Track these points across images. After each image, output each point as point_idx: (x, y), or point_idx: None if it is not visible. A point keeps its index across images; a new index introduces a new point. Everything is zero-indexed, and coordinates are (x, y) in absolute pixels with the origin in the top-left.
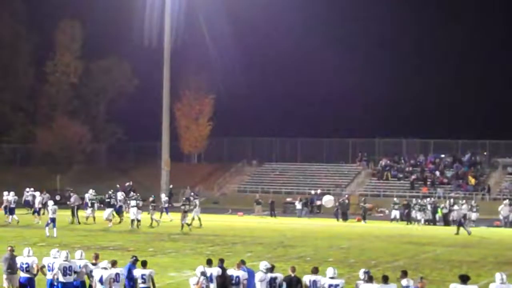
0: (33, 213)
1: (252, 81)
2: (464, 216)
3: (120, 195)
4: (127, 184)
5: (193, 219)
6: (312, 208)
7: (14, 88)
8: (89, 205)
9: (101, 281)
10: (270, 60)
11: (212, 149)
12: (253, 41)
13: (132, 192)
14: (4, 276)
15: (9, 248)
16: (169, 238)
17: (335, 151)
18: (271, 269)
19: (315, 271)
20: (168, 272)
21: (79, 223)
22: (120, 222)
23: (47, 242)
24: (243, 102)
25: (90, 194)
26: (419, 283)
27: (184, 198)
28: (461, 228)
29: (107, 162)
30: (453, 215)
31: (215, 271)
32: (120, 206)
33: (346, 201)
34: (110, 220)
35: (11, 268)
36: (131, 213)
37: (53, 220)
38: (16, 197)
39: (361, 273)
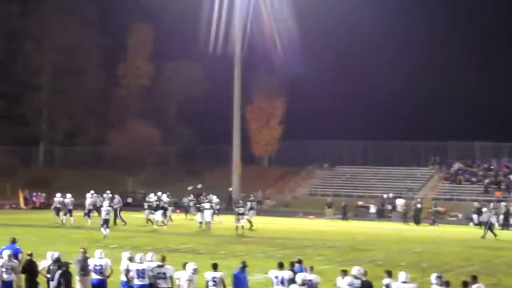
0: (84, 215)
1: (323, 83)
2: None
3: (165, 197)
4: (198, 187)
5: (250, 222)
6: (383, 212)
7: (86, 91)
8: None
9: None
10: (341, 62)
11: (283, 152)
12: (323, 43)
13: (202, 196)
14: (77, 278)
15: (82, 250)
16: (240, 241)
17: (407, 155)
18: (363, 274)
19: (388, 274)
20: None
21: (125, 223)
22: (164, 224)
23: (118, 244)
24: (314, 105)
25: (156, 197)
26: None
27: (240, 201)
28: None
29: (178, 164)
30: None
31: (286, 274)
32: (166, 208)
33: (419, 205)
34: (165, 224)
35: (84, 270)
36: (205, 215)
37: (106, 221)
38: (72, 199)
39: (433, 278)
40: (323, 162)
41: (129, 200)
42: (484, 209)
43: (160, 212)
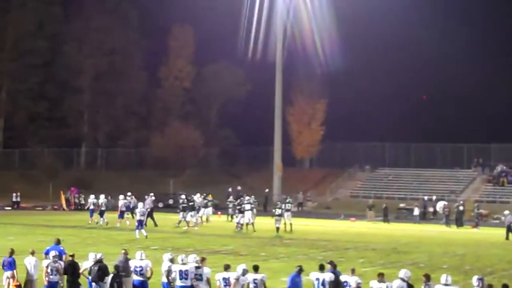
0: (119, 216)
1: (364, 84)
2: None
3: (197, 198)
4: (238, 188)
5: (284, 224)
6: (426, 214)
7: (127, 94)
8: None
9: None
10: (382, 63)
11: (324, 154)
12: (364, 43)
13: (242, 197)
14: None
15: (123, 251)
16: (281, 243)
17: (449, 156)
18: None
19: (427, 278)
20: (280, 277)
21: (156, 225)
22: (194, 226)
23: (160, 246)
24: (356, 106)
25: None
26: None
27: (277, 202)
28: None
29: (219, 166)
30: None
31: (327, 276)
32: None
33: (461, 207)
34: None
35: (125, 271)
36: (246, 217)
37: (140, 222)
38: (105, 200)
39: (474, 280)
40: (365, 164)
41: (170, 201)
42: (506, 212)
43: (191, 213)
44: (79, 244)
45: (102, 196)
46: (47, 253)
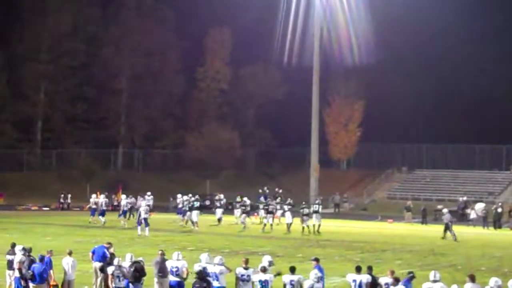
0: (119, 216)
1: (402, 85)
2: None
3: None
4: (276, 190)
5: (314, 225)
6: (463, 216)
7: (164, 95)
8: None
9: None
10: (419, 65)
11: (362, 155)
12: (403, 44)
13: (279, 198)
14: (155, 280)
15: (160, 252)
16: (318, 244)
17: (488, 158)
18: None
19: (471, 279)
20: None
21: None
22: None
23: (196, 246)
24: (393, 107)
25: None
26: None
27: (304, 202)
28: None
29: (256, 167)
30: None
31: (364, 278)
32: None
33: (499, 209)
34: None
35: (162, 271)
36: (286, 217)
37: (145, 220)
38: (106, 200)
39: (510, 284)
40: (402, 165)
41: (207, 202)
42: None
43: (220, 210)
44: (116, 244)
45: (102, 196)
46: (93, 252)
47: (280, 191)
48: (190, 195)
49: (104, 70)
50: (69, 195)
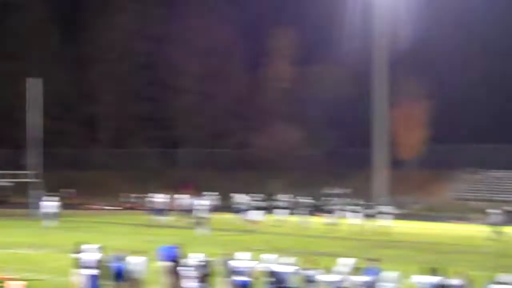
0: (177, 215)
1: (470, 85)
2: None
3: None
4: (343, 191)
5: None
6: None
7: (230, 94)
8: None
9: None
10: (491, 63)
11: (430, 156)
12: (471, 42)
13: (344, 198)
14: (223, 280)
15: (226, 252)
16: (385, 245)
17: None
18: None
19: None
20: None
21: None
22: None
23: (263, 247)
24: (462, 107)
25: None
26: None
27: (369, 202)
28: None
29: (321, 167)
30: None
31: (433, 280)
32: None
33: None
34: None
35: (229, 271)
36: (352, 217)
37: (205, 219)
38: (168, 200)
39: None
40: (471, 166)
41: (272, 203)
42: None
43: (257, 212)
44: (183, 244)
45: (163, 195)
46: (161, 252)
47: (346, 191)
48: (253, 195)
49: (169, 70)
50: (134, 195)
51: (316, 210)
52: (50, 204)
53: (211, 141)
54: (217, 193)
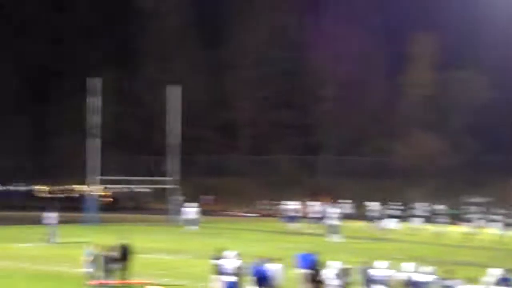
0: (311, 223)
1: None
2: None
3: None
4: (482, 199)
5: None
6: None
7: (369, 101)
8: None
9: None
10: None
11: None
12: None
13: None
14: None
15: (364, 261)
16: None
17: None
18: None
19: None
20: None
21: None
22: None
23: (402, 255)
24: None
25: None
26: None
27: (505, 212)
28: None
29: (462, 176)
30: None
31: None
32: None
33: None
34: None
35: (368, 280)
36: (494, 227)
37: (335, 226)
38: (297, 207)
39: None
40: None
41: (408, 211)
42: None
43: (391, 220)
44: (321, 251)
45: (293, 203)
46: (299, 259)
47: (486, 200)
48: (388, 203)
49: (309, 77)
50: (271, 201)
51: (454, 219)
52: (190, 210)
53: (350, 148)
54: (351, 200)
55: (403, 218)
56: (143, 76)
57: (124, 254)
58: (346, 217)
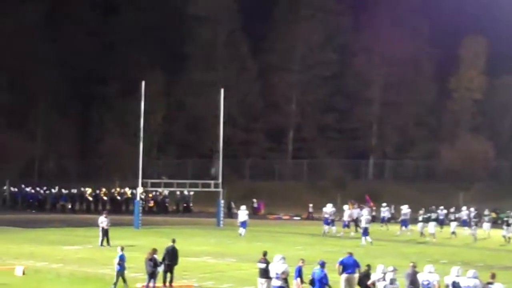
0: (343, 226)
1: None
2: None
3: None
4: None
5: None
6: None
7: (416, 105)
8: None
9: None
10: None
11: None
12: None
13: None
14: None
15: (411, 264)
16: None
17: None
18: None
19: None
20: None
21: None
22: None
23: (449, 259)
24: None
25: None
26: None
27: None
28: None
29: (510, 179)
30: None
31: None
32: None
33: None
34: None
35: (413, 284)
36: None
37: (365, 229)
38: (334, 209)
39: None
40: None
41: (452, 215)
42: None
43: (433, 224)
44: (366, 255)
45: (330, 205)
46: (341, 263)
47: None
48: (431, 207)
49: (356, 80)
50: (311, 205)
51: (500, 223)
52: (239, 213)
53: (397, 151)
54: (393, 204)
55: (446, 222)
56: (191, 80)
57: (169, 257)
58: (385, 220)
